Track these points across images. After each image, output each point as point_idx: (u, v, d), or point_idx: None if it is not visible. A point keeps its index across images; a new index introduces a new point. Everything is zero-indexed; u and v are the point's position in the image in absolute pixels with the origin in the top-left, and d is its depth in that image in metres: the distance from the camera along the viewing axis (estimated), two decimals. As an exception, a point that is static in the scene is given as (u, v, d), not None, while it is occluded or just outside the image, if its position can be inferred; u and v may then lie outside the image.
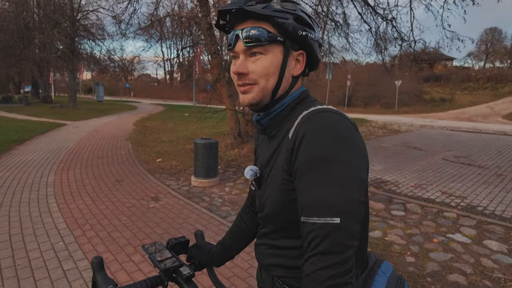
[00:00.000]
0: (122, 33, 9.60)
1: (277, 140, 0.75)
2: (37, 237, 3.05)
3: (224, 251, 1.01)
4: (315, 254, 0.59)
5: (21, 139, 8.26)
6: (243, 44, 0.70)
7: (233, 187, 4.90)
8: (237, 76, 0.73)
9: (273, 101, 0.74)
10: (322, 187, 0.60)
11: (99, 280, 0.83)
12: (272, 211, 0.73)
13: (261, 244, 0.82)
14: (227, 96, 6.83)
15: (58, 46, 20.18)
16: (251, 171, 0.80)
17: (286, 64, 0.72)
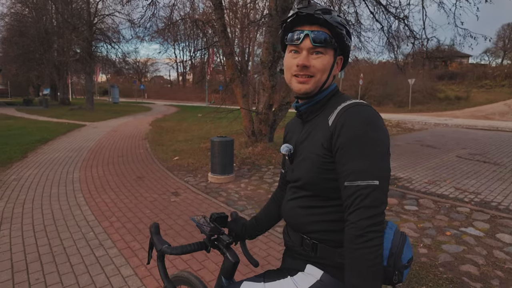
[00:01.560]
0: (138, 36, 9.89)
1: (314, 124, 0.95)
2: (69, 227, 3.28)
3: (257, 224, 1.18)
4: (360, 208, 0.76)
5: (45, 139, 8.66)
6: (311, 43, 0.88)
7: (248, 183, 5.05)
8: (300, 67, 0.90)
9: (316, 92, 0.94)
10: (363, 159, 0.79)
11: (156, 241, 1.02)
12: (308, 179, 0.90)
13: (292, 207, 0.98)
14: (241, 95, 7.00)
15: (76, 50, 20.83)
16: (286, 147, 0.99)
17: (333, 65, 0.94)
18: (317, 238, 0.91)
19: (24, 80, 34.37)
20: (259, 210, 1.25)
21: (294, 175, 0.96)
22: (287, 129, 1.13)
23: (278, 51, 6.49)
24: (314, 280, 0.89)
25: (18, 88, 39.38)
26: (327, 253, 0.89)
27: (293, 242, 0.98)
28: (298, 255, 0.97)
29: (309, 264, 0.93)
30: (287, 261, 1.02)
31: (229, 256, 1.04)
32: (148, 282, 2.34)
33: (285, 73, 0.97)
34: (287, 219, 1.02)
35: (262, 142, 6.98)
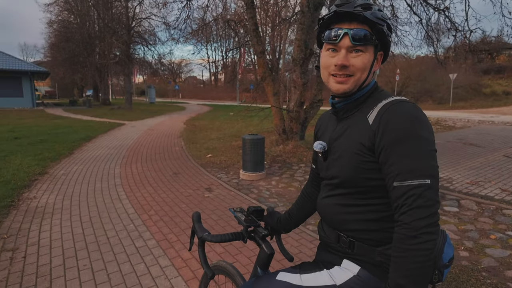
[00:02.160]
0: (173, 38, 10.25)
1: (351, 121, 0.93)
2: (111, 219, 3.52)
3: (290, 218, 1.21)
4: (413, 208, 0.74)
5: (88, 137, 9.29)
6: (351, 41, 0.85)
7: (279, 181, 5.08)
8: (338, 67, 0.88)
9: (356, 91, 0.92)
10: (413, 158, 0.76)
11: (197, 229, 1.09)
12: (345, 177, 0.90)
13: (328, 204, 0.98)
14: (272, 94, 7.03)
15: (115, 53, 22.03)
16: (320, 144, 0.98)
17: (374, 62, 0.90)
18: (354, 236, 0.91)
19: (69, 82, 36.99)
20: (290, 206, 1.28)
21: (330, 172, 0.96)
22: (318, 125, 1.12)
23: (310, 48, 6.43)
24: (351, 275, 0.90)
25: (65, 90, 42.51)
26: (365, 251, 0.89)
27: (329, 238, 0.99)
28: (334, 250, 0.97)
29: (346, 259, 0.93)
30: (322, 255, 1.03)
31: (264, 248, 1.08)
32: (184, 273, 2.46)
33: (322, 72, 0.95)
34: (323, 215, 1.02)
35: (293, 140, 6.96)
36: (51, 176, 5.20)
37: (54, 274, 2.45)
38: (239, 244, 2.89)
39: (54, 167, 5.80)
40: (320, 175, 1.05)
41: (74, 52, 22.49)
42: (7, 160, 6.09)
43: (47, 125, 12.10)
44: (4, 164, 5.82)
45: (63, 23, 24.87)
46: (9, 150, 7.06)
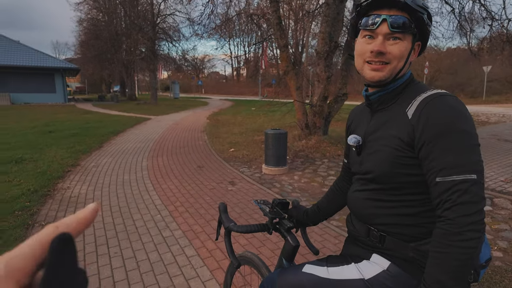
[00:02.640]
0: (197, 34, 10.37)
1: (386, 114, 0.90)
2: (139, 209, 3.65)
3: (319, 211, 1.20)
4: (457, 204, 0.72)
5: (116, 131, 9.65)
6: (389, 28, 0.83)
7: (302, 176, 5.06)
8: (375, 54, 0.85)
9: (391, 81, 0.89)
10: (457, 152, 0.74)
11: (224, 219, 1.12)
12: (380, 172, 0.88)
13: (359, 198, 0.97)
14: (295, 88, 6.97)
15: (141, 49, 22.62)
16: (354, 138, 0.96)
17: (411, 51, 0.88)
18: (385, 231, 0.89)
19: (98, 78, 38.49)
20: (314, 202, 1.27)
21: (364, 167, 0.94)
22: (351, 117, 1.10)
23: (335, 41, 6.30)
24: (380, 270, 0.88)
25: (94, 86, 44.30)
26: (396, 245, 0.87)
27: (358, 231, 0.98)
28: (363, 244, 0.96)
29: (375, 254, 0.92)
30: (350, 248, 1.02)
31: (290, 240, 1.09)
32: (209, 262, 2.52)
33: (356, 59, 0.93)
34: (353, 209, 1.01)
35: (316, 135, 6.89)
36: (83, 168, 5.46)
37: (88, 260, 2.59)
38: (262, 237, 2.92)
39: (86, 159, 6.09)
40: (352, 169, 1.04)
41: (102, 49, 23.33)
42: (43, 153, 6.46)
43: (78, 119, 12.68)
44: (41, 156, 6.18)
45: (92, 21, 25.82)
46: (44, 143, 7.48)
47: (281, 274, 1.05)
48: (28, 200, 3.83)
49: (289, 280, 1.01)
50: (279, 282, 1.03)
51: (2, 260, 0.19)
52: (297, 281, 0.98)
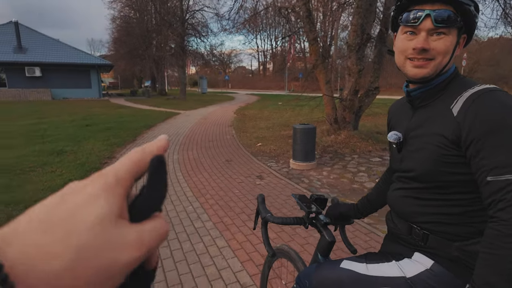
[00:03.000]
0: (225, 29, 10.44)
1: (429, 111, 0.87)
2: (172, 201, 3.79)
3: (369, 204, 1.19)
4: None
5: (148, 125, 10.00)
6: (433, 23, 0.79)
7: (330, 172, 4.99)
8: (417, 51, 0.82)
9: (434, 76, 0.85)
10: (510, 150, 0.70)
11: (261, 210, 1.15)
12: (422, 171, 0.85)
13: (400, 196, 0.94)
14: (325, 82, 6.85)
15: (171, 45, 23.18)
16: (395, 135, 0.93)
17: (456, 46, 0.84)
18: (428, 229, 0.87)
19: (130, 74, 39.93)
20: (343, 198, 1.26)
21: (404, 165, 0.92)
22: (390, 113, 1.07)
23: (367, 33, 6.10)
24: (422, 268, 0.86)
25: (126, 81, 46.09)
26: (440, 244, 0.85)
27: (399, 229, 0.95)
28: (405, 242, 0.94)
29: (418, 252, 0.89)
30: (391, 246, 1.00)
31: (325, 235, 1.08)
32: (239, 254, 2.57)
33: (397, 56, 0.90)
34: (394, 207, 0.98)
35: (345, 130, 6.75)
36: (119, 160, 5.73)
37: (126, 246, 2.74)
38: (291, 231, 2.93)
39: (120, 152, 6.38)
40: (392, 166, 1.01)
41: (134, 45, 24.16)
42: (81, 145, 6.85)
43: (112, 113, 13.27)
44: (80, 148, 6.56)
45: (124, 19, 26.78)
46: (82, 136, 7.92)
47: (318, 269, 1.05)
48: (70, 189, 4.10)
49: (327, 275, 1.00)
50: (316, 277, 1.02)
51: (111, 170, 0.23)
52: (335, 276, 0.97)
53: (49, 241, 0.18)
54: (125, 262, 0.20)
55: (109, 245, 0.20)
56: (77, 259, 0.18)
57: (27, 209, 0.20)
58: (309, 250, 2.61)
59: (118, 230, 0.20)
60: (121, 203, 0.22)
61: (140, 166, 0.24)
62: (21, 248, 0.17)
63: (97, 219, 0.20)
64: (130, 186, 0.23)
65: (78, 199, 0.20)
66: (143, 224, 0.23)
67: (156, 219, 0.24)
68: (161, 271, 2.36)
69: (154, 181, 0.24)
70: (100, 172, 0.23)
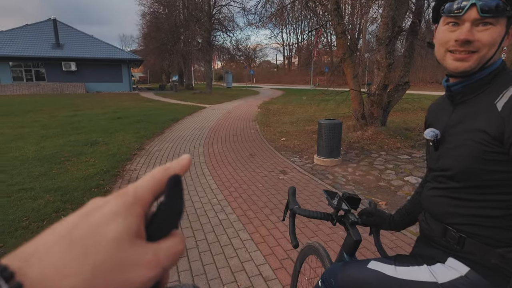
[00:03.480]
0: (251, 23, 10.43)
1: (471, 106, 0.82)
2: (197, 192, 3.89)
3: (407, 214, 1.14)
4: None
5: (175, 119, 10.26)
6: (479, 13, 0.74)
7: (356, 168, 4.89)
8: (460, 42, 0.77)
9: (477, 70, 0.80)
10: None
11: (291, 201, 1.16)
12: (461, 169, 0.81)
13: (436, 196, 0.90)
14: (352, 76, 6.68)
15: (198, 40, 23.50)
16: (432, 132, 0.89)
17: (504, 37, 0.78)
18: (465, 231, 0.82)
19: (158, 68, 40.99)
20: (369, 196, 1.23)
21: (442, 163, 0.88)
22: (429, 112, 1.02)
23: (398, 25, 5.86)
24: (457, 275, 0.81)
25: (154, 76, 47.42)
26: (478, 249, 0.79)
27: (433, 231, 0.91)
28: (438, 245, 0.89)
29: (452, 257, 0.85)
30: (422, 249, 0.96)
31: (352, 234, 1.06)
32: (262, 248, 2.61)
33: (437, 49, 0.85)
34: (429, 207, 0.94)
35: (373, 126, 6.56)
36: (147, 152, 5.94)
37: (153, 235, 2.85)
38: (314, 227, 2.92)
39: (149, 144, 6.61)
40: (429, 165, 0.97)
41: (163, 40, 24.74)
42: (113, 137, 7.16)
43: (142, 107, 13.73)
44: (111, 139, 6.86)
45: (154, 14, 27.45)
46: (114, 128, 8.27)
47: (344, 268, 1.02)
48: (102, 179, 4.31)
49: (353, 275, 0.98)
50: (342, 276, 1.00)
51: (131, 189, 0.24)
52: (362, 277, 0.95)
53: (67, 260, 0.19)
54: (139, 282, 0.20)
55: (124, 264, 0.20)
56: (92, 278, 0.18)
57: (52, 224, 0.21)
58: (332, 247, 2.59)
59: (134, 250, 0.21)
60: (139, 222, 0.22)
61: (162, 185, 0.25)
62: (41, 269, 0.18)
63: (115, 237, 0.20)
64: (150, 205, 0.24)
65: (98, 216, 0.21)
66: (160, 243, 0.23)
67: (173, 237, 0.24)
68: (186, 261, 2.44)
69: (171, 200, 0.24)
70: (121, 190, 0.24)
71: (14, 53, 21.58)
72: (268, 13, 10.29)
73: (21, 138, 6.85)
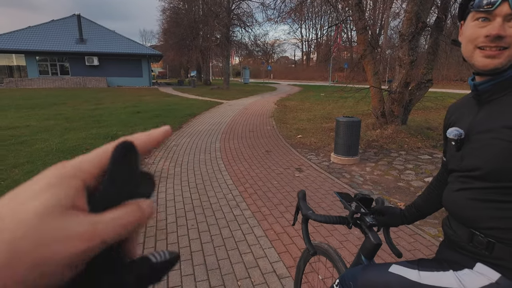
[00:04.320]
0: (270, 18, 10.35)
1: (499, 105, 0.79)
2: (213, 187, 3.92)
3: (417, 212, 1.12)
4: None
5: (193, 114, 10.38)
6: (511, 8, 0.72)
7: (374, 168, 4.79)
8: (491, 38, 0.75)
9: (507, 68, 0.78)
10: None
11: (302, 206, 1.12)
12: (490, 168, 0.78)
13: (460, 197, 0.86)
14: (372, 73, 6.52)
15: (216, 36, 23.59)
16: (456, 131, 0.85)
17: None
18: (494, 236, 0.78)
19: (177, 64, 41.49)
20: (387, 196, 1.19)
21: (468, 163, 0.84)
22: (450, 111, 0.98)
23: (423, 21, 5.66)
24: (486, 282, 0.77)
25: (173, 71, 48.09)
26: (508, 255, 0.76)
27: (458, 236, 0.87)
28: (465, 250, 0.85)
29: (480, 263, 0.81)
30: (447, 254, 0.92)
31: (371, 237, 1.02)
32: (276, 245, 2.60)
33: (465, 45, 0.81)
34: (453, 211, 0.90)
35: (393, 125, 6.40)
36: (165, 146, 6.04)
37: (169, 229, 2.90)
38: (330, 227, 2.88)
39: (167, 138, 6.71)
40: (449, 166, 0.93)
41: (182, 36, 25.00)
42: (132, 131, 7.32)
43: (161, 102, 13.96)
44: (131, 133, 6.98)
45: (174, 10, 27.73)
46: (134, 122, 8.46)
47: (364, 271, 1.00)
48: (122, 171, 4.42)
49: (374, 279, 0.96)
50: (362, 279, 0.98)
51: (74, 161, 0.23)
52: (383, 281, 0.92)
53: None
54: (70, 254, 0.20)
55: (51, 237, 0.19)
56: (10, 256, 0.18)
57: None
58: (348, 247, 2.56)
59: (65, 222, 0.20)
60: (75, 194, 0.21)
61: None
62: None
63: (38, 212, 0.19)
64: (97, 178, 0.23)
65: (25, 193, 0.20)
66: (103, 214, 0.22)
67: (122, 208, 0.23)
68: (201, 255, 2.47)
69: (115, 168, 0.22)
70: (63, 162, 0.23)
71: (40, 48, 22.41)
72: (288, 8, 10.18)
73: (46, 131, 7.12)
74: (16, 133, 6.79)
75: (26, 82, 22.12)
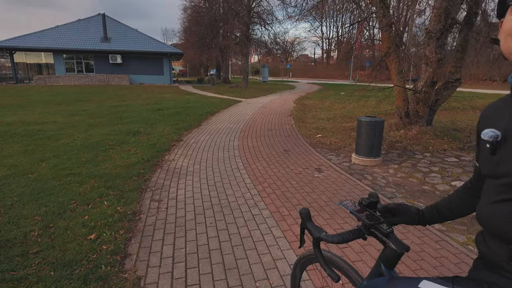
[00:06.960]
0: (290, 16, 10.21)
1: None
2: (231, 186, 3.91)
3: (438, 215, 1.04)
4: None
5: (212, 112, 10.44)
6: None
7: (397, 170, 4.63)
8: None
9: None
10: None
11: (311, 228, 1.01)
12: None
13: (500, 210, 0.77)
14: (397, 72, 6.31)
15: (236, 34, 23.63)
16: (491, 132, 0.78)
17: None
18: None
19: (197, 62, 41.95)
20: (410, 199, 1.10)
21: (504, 169, 0.77)
22: (484, 113, 0.89)
23: (452, 17, 5.41)
24: None
25: (193, 69, 48.67)
26: None
27: (496, 255, 0.78)
28: (504, 271, 0.77)
29: None
30: (483, 273, 0.83)
31: (393, 245, 0.94)
32: (295, 247, 2.55)
33: (505, 41, 0.75)
34: (490, 226, 0.81)
35: (417, 125, 6.17)
36: (185, 143, 6.10)
37: (188, 226, 2.91)
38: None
39: (187, 136, 6.79)
40: (483, 171, 0.84)
41: (202, 34, 25.22)
42: (153, 128, 7.45)
43: (181, 99, 14.15)
44: (152, 130, 7.14)
45: (195, 8, 27.99)
46: (154, 119, 8.60)
47: (389, 285, 0.92)
48: (142, 167, 4.50)
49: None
50: None
51: None
52: None
53: None
54: None
55: None
56: None
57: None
58: (367, 249, 2.47)
59: None
60: None
61: None
62: None
63: None
64: None
65: None
66: None
67: None
68: (219, 253, 2.46)
69: None
70: None
71: (67, 47, 23.27)
72: (309, 5, 10.02)
73: (72, 126, 7.37)
74: (44, 128, 7.07)
75: (54, 79, 23.03)
